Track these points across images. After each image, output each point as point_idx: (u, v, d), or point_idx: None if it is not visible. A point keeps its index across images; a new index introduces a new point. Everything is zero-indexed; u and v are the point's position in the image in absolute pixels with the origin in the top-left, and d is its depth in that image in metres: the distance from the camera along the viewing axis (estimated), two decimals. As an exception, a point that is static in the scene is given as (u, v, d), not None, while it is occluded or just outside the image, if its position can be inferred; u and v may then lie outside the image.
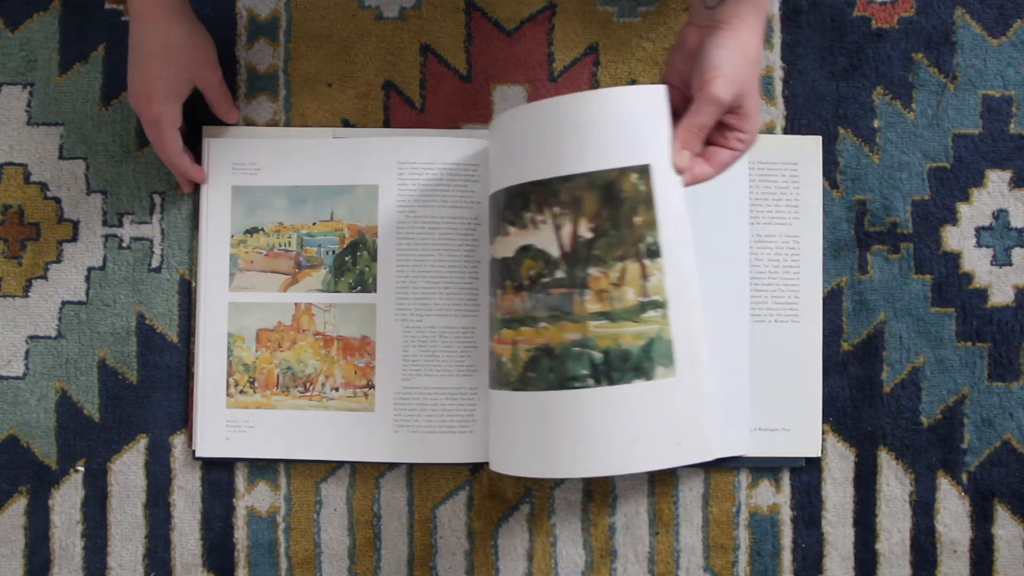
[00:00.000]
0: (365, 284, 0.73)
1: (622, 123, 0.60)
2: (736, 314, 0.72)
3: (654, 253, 0.59)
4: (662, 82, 0.62)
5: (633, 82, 0.74)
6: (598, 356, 0.60)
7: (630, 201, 0.60)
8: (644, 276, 0.59)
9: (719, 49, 0.58)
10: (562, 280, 0.61)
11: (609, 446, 0.60)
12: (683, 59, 0.61)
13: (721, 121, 0.60)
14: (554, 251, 0.62)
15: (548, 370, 0.62)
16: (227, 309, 0.73)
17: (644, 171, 0.60)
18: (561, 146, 0.61)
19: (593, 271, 0.60)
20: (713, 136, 0.60)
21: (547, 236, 0.62)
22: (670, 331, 0.59)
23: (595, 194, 0.60)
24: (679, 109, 0.61)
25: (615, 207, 0.60)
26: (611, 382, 0.60)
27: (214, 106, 0.73)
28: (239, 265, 0.73)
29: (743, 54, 0.58)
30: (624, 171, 0.60)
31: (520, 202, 0.63)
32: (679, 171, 0.60)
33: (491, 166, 0.68)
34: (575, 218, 0.61)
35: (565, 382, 0.61)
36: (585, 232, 0.61)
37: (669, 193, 0.60)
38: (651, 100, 0.60)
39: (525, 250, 0.63)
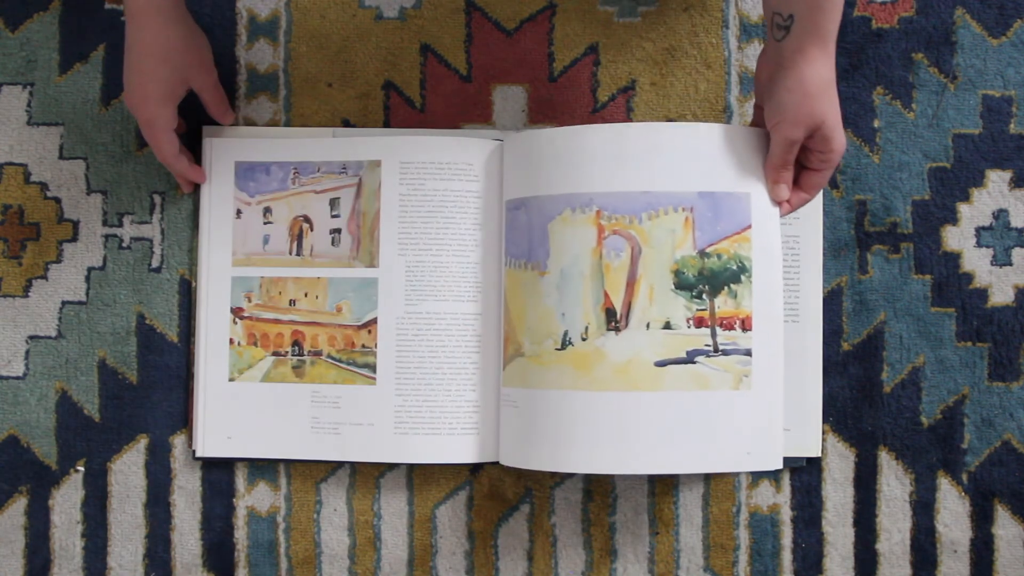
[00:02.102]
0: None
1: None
2: None
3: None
4: (756, 102, 0.66)
5: (634, 82, 0.74)
6: None
7: None
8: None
9: (782, 92, 0.61)
10: None
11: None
12: (761, 88, 0.65)
13: (804, 144, 0.63)
14: None
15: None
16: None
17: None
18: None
19: None
20: (801, 157, 0.64)
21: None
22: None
23: None
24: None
25: None
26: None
27: (210, 108, 0.72)
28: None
29: (805, 92, 0.60)
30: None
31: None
32: (778, 204, 0.65)
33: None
34: None
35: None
36: None
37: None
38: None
39: None
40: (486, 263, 0.72)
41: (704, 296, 0.65)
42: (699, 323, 0.65)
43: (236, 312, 0.73)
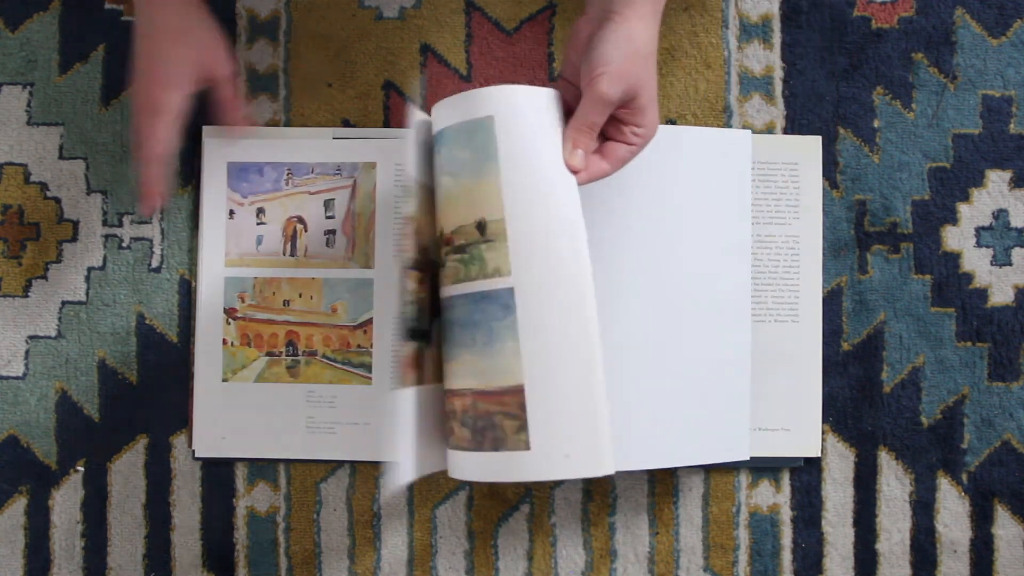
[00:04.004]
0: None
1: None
2: (738, 317, 0.71)
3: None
4: (559, 77, 0.60)
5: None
6: None
7: None
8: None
9: (606, 43, 0.55)
10: None
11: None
12: (576, 53, 0.58)
13: (615, 116, 0.57)
14: None
15: None
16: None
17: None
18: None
19: None
20: (609, 131, 0.58)
21: None
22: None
23: None
24: (574, 106, 0.58)
25: None
26: None
27: (224, 106, 0.69)
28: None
29: (632, 47, 0.55)
30: None
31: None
32: (573, 171, 0.57)
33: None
34: None
35: None
36: None
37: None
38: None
39: None
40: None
41: None
42: None
43: (229, 312, 0.73)
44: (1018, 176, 0.74)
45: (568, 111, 0.58)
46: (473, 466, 0.58)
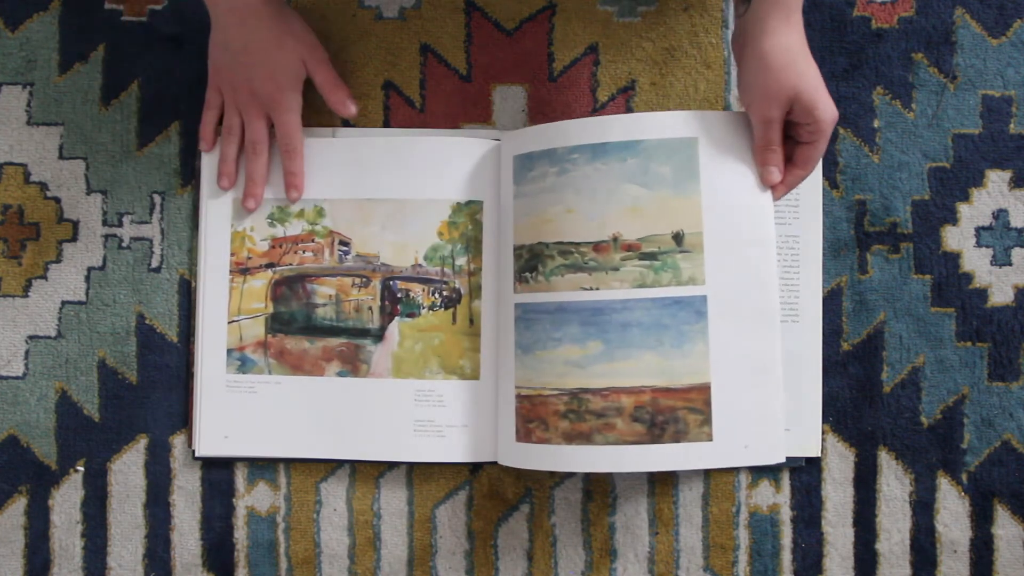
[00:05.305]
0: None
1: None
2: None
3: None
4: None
5: (634, 82, 0.74)
6: None
7: None
8: None
9: (745, 72, 0.60)
10: None
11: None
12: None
13: (789, 120, 0.61)
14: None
15: None
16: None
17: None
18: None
19: None
20: (794, 133, 0.62)
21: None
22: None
23: None
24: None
25: None
26: None
27: (326, 88, 0.71)
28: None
29: (768, 66, 0.59)
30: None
31: None
32: (771, 186, 0.63)
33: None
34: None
35: None
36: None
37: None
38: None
39: None
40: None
41: None
42: None
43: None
44: (1018, 176, 0.74)
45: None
46: (648, 458, 0.63)
